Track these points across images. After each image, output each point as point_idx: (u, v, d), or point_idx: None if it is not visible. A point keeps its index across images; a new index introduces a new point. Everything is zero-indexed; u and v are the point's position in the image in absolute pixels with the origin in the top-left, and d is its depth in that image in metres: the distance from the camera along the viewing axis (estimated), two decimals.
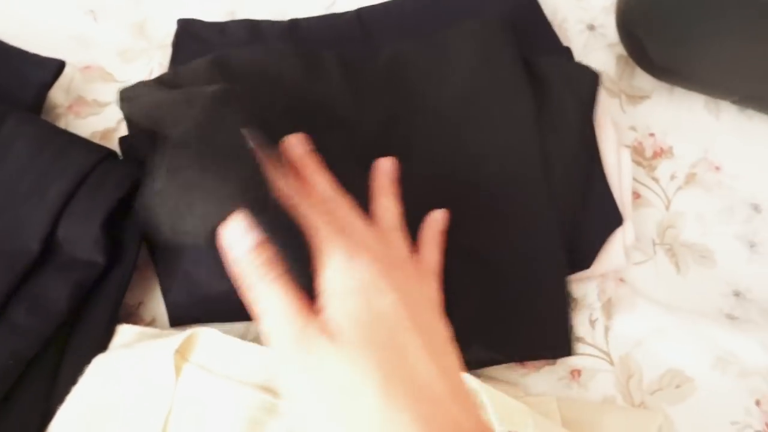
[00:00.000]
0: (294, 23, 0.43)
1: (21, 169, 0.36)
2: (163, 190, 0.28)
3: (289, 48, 0.38)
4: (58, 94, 0.43)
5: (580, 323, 0.37)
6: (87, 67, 0.44)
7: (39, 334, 0.34)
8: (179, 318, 0.37)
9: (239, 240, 0.28)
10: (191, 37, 0.42)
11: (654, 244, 0.41)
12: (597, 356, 0.37)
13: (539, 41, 0.43)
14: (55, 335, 0.35)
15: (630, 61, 0.44)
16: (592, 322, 0.38)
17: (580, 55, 0.46)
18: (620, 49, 0.45)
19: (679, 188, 0.43)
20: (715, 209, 0.43)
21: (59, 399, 0.34)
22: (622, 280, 0.39)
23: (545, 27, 0.44)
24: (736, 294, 0.40)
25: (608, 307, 0.38)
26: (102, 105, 0.43)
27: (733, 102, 0.43)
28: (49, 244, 0.36)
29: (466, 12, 0.43)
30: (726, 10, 0.37)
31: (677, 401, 0.36)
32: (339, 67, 0.38)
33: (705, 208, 0.43)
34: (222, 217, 0.28)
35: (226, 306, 0.35)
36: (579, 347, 0.37)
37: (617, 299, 0.38)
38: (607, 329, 0.38)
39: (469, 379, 0.35)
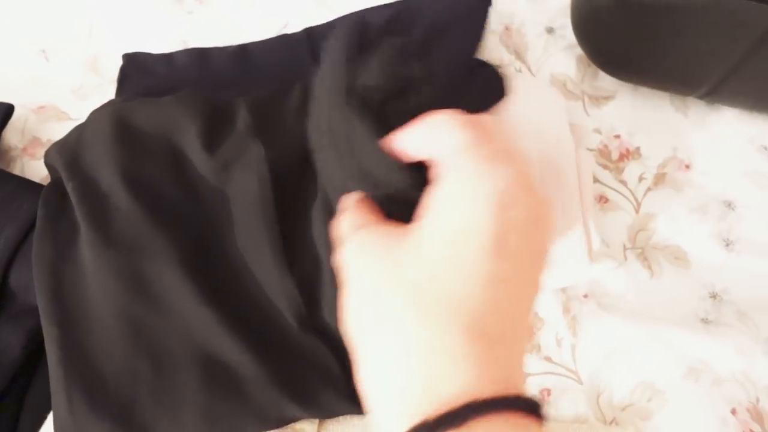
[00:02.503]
0: (243, 48, 0.43)
1: None
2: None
3: (195, 99, 0.37)
4: (12, 135, 0.42)
5: (546, 342, 0.36)
6: (41, 107, 0.43)
7: None
8: None
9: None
10: (137, 69, 0.41)
11: (625, 248, 0.40)
12: (565, 375, 0.36)
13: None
14: (13, 385, 0.35)
15: (591, 62, 0.43)
16: (559, 341, 0.37)
17: (540, 59, 0.44)
18: (581, 50, 0.43)
19: (649, 189, 0.42)
20: (688, 209, 0.41)
21: None
22: (586, 295, 0.38)
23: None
24: (713, 296, 0.39)
25: (573, 325, 0.37)
26: None
27: (700, 97, 0.42)
28: (1, 293, 0.35)
29: (412, 25, 0.42)
30: (676, 4, 0.36)
31: (649, 416, 0.35)
32: (247, 111, 0.37)
33: (677, 209, 0.41)
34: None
35: None
36: (546, 366, 0.36)
37: (582, 315, 0.37)
38: (573, 347, 0.36)
39: None
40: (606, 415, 0.35)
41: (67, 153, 0.35)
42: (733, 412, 0.35)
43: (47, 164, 0.37)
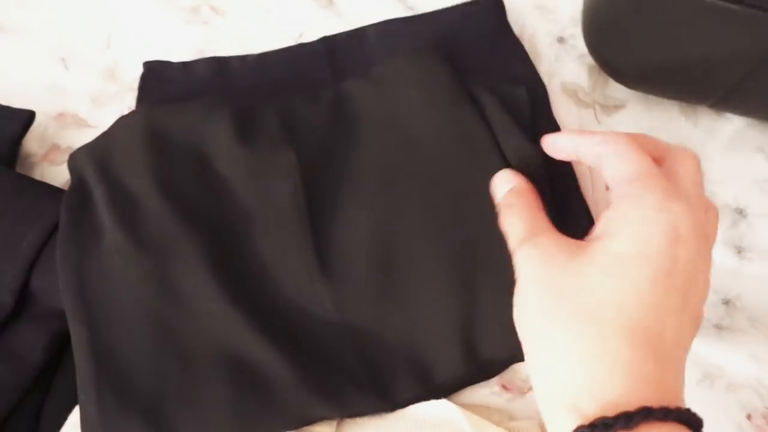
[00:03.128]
0: (261, 57, 0.44)
1: None
2: None
3: (222, 103, 0.38)
4: (32, 143, 0.43)
5: None
6: (60, 115, 0.44)
7: (16, 386, 0.34)
8: None
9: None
10: (157, 78, 0.42)
11: None
12: None
13: (511, 62, 0.43)
14: (34, 387, 0.35)
15: (602, 71, 0.44)
16: None
17: (552, 68, 0.45)
18: (591, 60, 0.44)
19: None
20: None
21: None
22: None
23: (517, 48, 0.44)
24: (726, 302, 0.39)
25: None
26: None
27: (710, 106, 0.42)
28: (24, 296, 0.36)
29: (435, 35, 0.43)
30: (689, 15, 0.36)
31: None
32: (276, 116, 0.38)
33: None
34: None
35: None
36: None
37: None
38: None
39: (449, 408, 0.34)
40: None
41: (97, 157, 0.36)
42: (749, 417, 0.35)
43: (70, 168, 0.37)
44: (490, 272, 0.35)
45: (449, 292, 0.35)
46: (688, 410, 0.25)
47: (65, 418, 0.35)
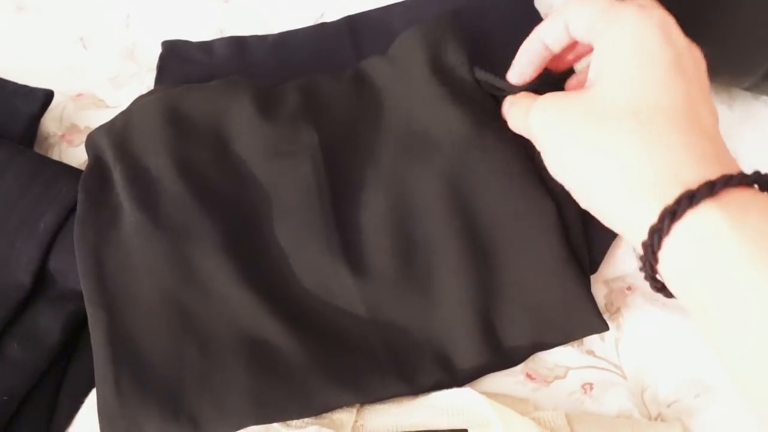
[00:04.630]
0: (282, 37, 0.43)
1: (11, 202, 0.36)
2: None
3: (244, 82, 0.37)
4: (50, 123, 0.43)
5: (589, 336, 0.35)
6: (79, 95, 0.44)
7: (34, 368, 0.34)
8: None
9: None
10: (176, 57, 0.41)
11: None
12: (609, 370, 0.35)
13: None
14: (51, 369, 0.35)
15: None
16: (602, 335, 0.36)
17: None
18: None
19: None
20: None
21: None
22: (630, 288, 0.37)
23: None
24: None
25: (617, 318, 0.36)
26: None
27: (746, 89, 0.41)
28: (41, 277, 0.36)
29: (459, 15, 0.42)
30: None
31: (697, 412, 0.34)
32: (298, 94, 0.37)
33: None
34: None
35: None
36: (589, 360, 0.35)
37: (626, 308, 0.36)
38: (617, 341, 0.36)
39: (473, 396, 0.34)
40: (651, 410, 0.34)
41: (115, 137, 0.35)
42: None
43: (88, 148, 0.37)
44: (510, 258, 0.34)
45: (469, 276, 0.34)
46: (759, 173, 0.25)
47: (83, 401, 0.35)
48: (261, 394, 0.32)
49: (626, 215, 0.27)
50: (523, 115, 0.32)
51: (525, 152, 0.35)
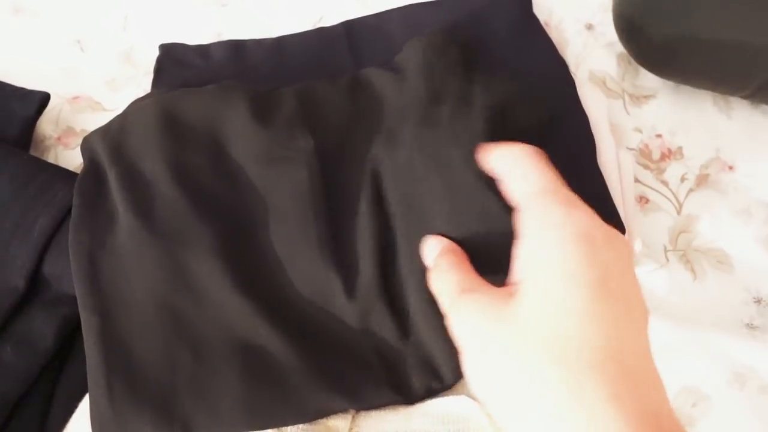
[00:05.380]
0: (279, 41, 0.42)
1: (5, 205, 0.36)
2: None
3: (240, 87, 0.36)
4: (47, 125, 0.42)
5: None
6: (75, 98, 0.43)
7: (26, 373, 0.34)
8: None
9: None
10: (173, 61, 0.41)
11: (666, 250, 0.39)
12: None
13: (538, 49, 0.42)
14: (44, 373, 0.34)
15: (632, 59, 0.42)
16: None
17: (580, 57, 0.44)
18: (621, 48, 0.42)
19: (691, 190, 0.41)
20: (731, 211, 0.40)
21: None
22: None
23: (543, 34, 0.42)
24: (757, 301, 0.38)
25: None
26: None
27: (744, 97, 0.41)
28: (35, 281, 0.35)
29: (459, 21, 0.42)
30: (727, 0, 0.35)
31: (694, 422, 0.34)
32: (295, 100, 0.36)
33: (720, 211, 0.40)
34: None
35: None
36: None
37: None
38: None
39: (467, 404, 0.33)
40: None
41: (110, 140, 0.35)
42: None
43: (84, 151, 0.36)
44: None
45: None
46: None
47: (76, 405, 0.34)
48: (255, 401, 0.31)
49: None
50: (440, 290, 0.30)
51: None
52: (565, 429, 0.23)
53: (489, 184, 0.31)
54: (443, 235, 0.32)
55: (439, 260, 0.31)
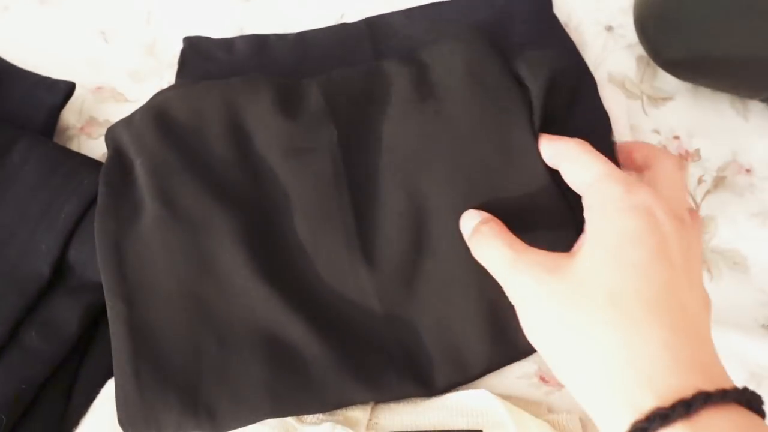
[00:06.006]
0: (301, 36, 0.43)
1: (32, 192, 0.36)
2: None
3: (265, 79, 0.37)
4: (70, 115, 0.43)
5: None
6: (99, 88, 0.44)
7: (51, 358, 0.34)
8: None
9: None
10: (197, 54, 0.42)
11: None
12: None
13: (557, 51, 0.42)
14: (68, 359, 0.35)
15: (651, 61, 0.43)
16: None
17: (599, 58, 0.44)
18: (640, 50, 0.43)
19: (708, 192, 0.41)
20: (748, 213, 0.40)
21: (73, 423, 0.34)
22: None
23: (563, 36, 0.43)
24: None
25: None
26: None
27: (762, 101, 0.41)
28: (60, 267, 0.36)
29: (480, 20, 0.42)
30: (748, 3, 0.35)
31: None
32: (318, 91, 0.37)
33: (737, 213, 0.41)
34: None
35: None
36: None
37: None
38: None
39: (487, 397, 0.34)
40: None
41: (135, 130, 0.35)
42: None
43: (108, 141, 0.37)
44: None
45: (475, 270, 0.33)
46: (745, 389, 0.24)
47: (98, 391, 0.35)
48: (277, 388, 0.32)
49: (598, 408, 0.26)
50: (491, 254, 0.31)
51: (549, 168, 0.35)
52: (617, 374, 0.25)
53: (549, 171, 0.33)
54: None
55: (482, 227, 0.32)
